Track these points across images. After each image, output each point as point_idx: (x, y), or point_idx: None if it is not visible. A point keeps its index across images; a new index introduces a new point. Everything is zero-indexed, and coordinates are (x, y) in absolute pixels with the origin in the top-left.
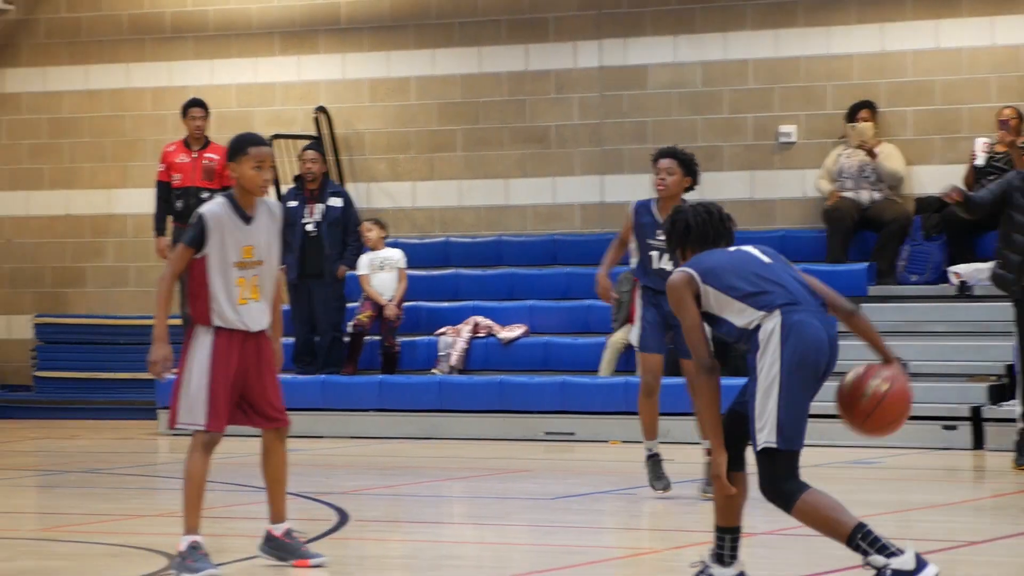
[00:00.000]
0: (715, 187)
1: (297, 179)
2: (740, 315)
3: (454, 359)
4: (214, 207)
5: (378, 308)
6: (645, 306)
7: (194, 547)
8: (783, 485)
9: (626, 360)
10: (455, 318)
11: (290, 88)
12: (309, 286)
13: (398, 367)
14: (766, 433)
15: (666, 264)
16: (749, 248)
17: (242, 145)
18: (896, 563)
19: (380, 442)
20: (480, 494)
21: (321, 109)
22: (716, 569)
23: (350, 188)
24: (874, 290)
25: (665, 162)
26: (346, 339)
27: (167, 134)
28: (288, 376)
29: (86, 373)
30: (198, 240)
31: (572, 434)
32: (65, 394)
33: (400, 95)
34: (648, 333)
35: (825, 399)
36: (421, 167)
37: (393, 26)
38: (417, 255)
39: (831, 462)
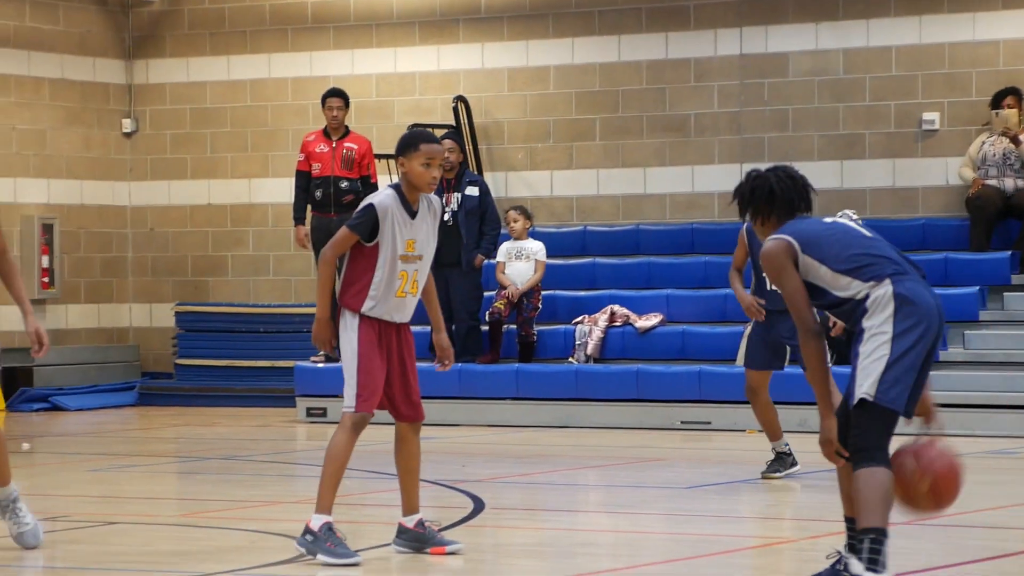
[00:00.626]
0: (856, 175)
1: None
2: (845, 289)
3: (591, 348)
4: (384, 199)
5: (516, 297)
6: (757, 323)
7: (330, 528)
8: (866, 442)
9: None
10: (592, 307)
11: (429, 77)
12: (446, 275)
13: (535, 356)
14: (867, 386)
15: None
16: (845, 221)
17: (414, 141)
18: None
19: (516, 430)
20: (615, 482)
21: (460, 98)
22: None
23: (488, 177)
24: (1017, 279)
25: None
26: (484, 328)
27: (307, 124)
28: (425, 364)
29: (226, 361)
30: (367, 229)
31: (708, 423)
32: (205, 381)
33: (539, 84)
34: (755, 350)
35: (965, 388)
36: (559, 156)
37: (532, 15)
38: (555, 244)
39: (972, 451)
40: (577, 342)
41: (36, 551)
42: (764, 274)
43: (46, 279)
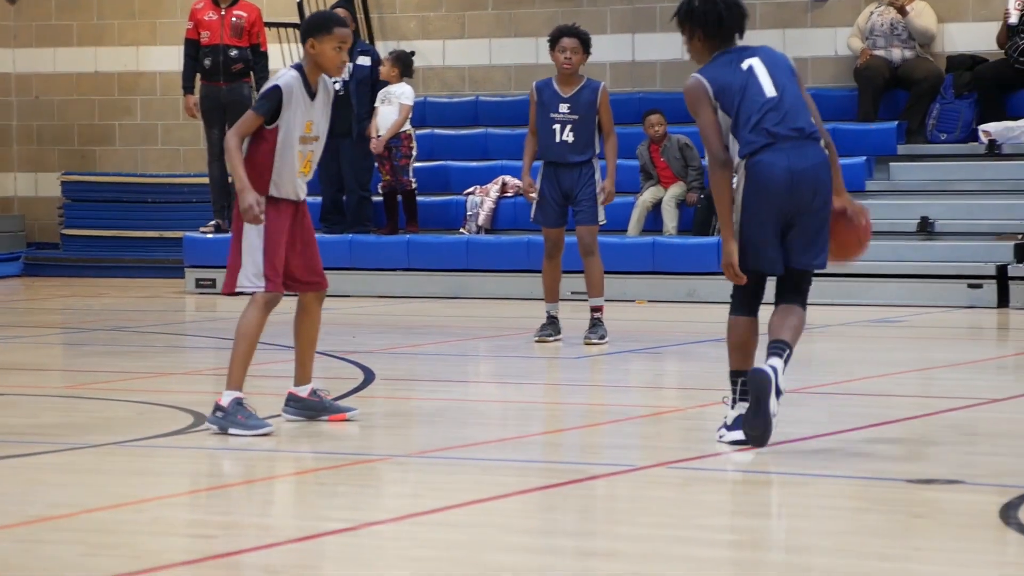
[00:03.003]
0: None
1: None
2: (730, 144)
3: (482, 219)
4: (290, 80)
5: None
6: (545, 180)
7: (239, 403)
8: (732, 297)
9: (653, 219)
10: (484, 178)
11: None
12: (337, 145)
13: (419, 215)
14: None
15: (568, 136)
16: (760, 69)
17: (327, 24)
18: (737, 410)
19: (407, 301)
20: (505, 353)
21: None
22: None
23: (379, 47)
24: (903, 149)
25: (570, 41)
26: (377, 199)
27: None
28: (316, 235)
29: (113, 231)
30: (273, 112)
31: None
32: (92, 252)
33: None
34: (547, 208)
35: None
36: (451, 25)
37: None
38: (446, 114)
39: (856, 320)
40: (468, 213)
41: None
42: (553, 126)
43: None
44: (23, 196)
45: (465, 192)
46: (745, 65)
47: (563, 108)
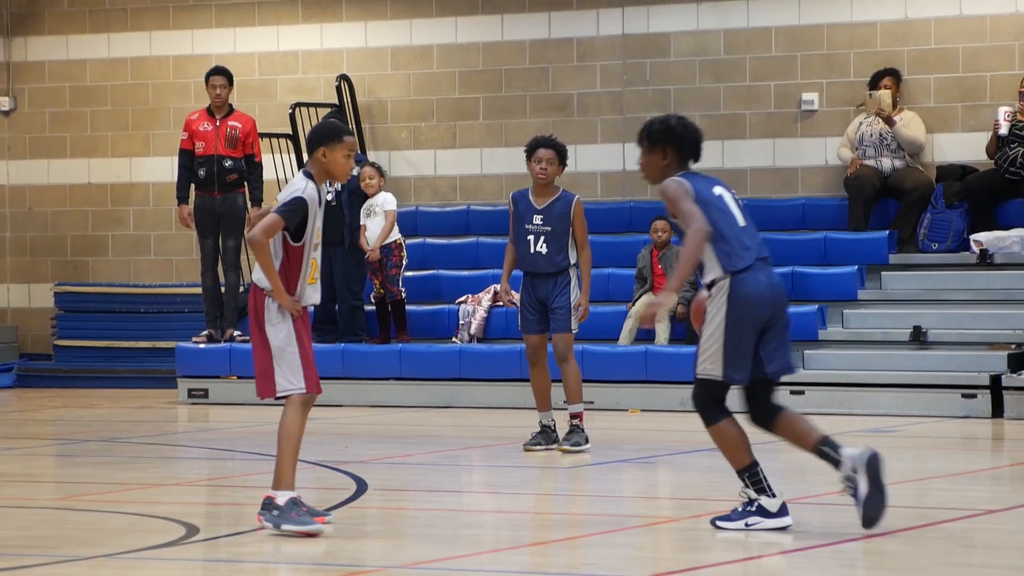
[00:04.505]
0: (736, 155)
1: None
2: (707, 260)
3: (474, 327)
4: (311, 191)
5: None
6: (523, 289)
7: (295, 502)
8: (706, 405)
9: (646, 330)
10: (475, 287)
11: (312, 56)
12: (329, 254)
13: (408, 323)
14: (708, 365)
15: (541, 247)
16: (728, 199)
17: (337, 133)
18: (764, 500)
19: (399, 411)
20: (499, 463)
21: (343, 77)
22: (765, 500)
23: (371, 157)
24: (895, 258)
25: (546, 152)
26: (369, 308)
27: (189, 102)
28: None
29: (106, 342)
30: (296, 221)
31: (591, 403)
32: (85, 363)
33: (422, 63)
34: (526, 316)
35: (843, 367)
36: (443, 135)
37: None
38: (438, 223)
39: (850, 431)
40: (460, 322)
41: None
42: (528, 237)
43: None
44: (16, 307)
45: (457, 301)
46: (716, 191)
47: (536, 219)
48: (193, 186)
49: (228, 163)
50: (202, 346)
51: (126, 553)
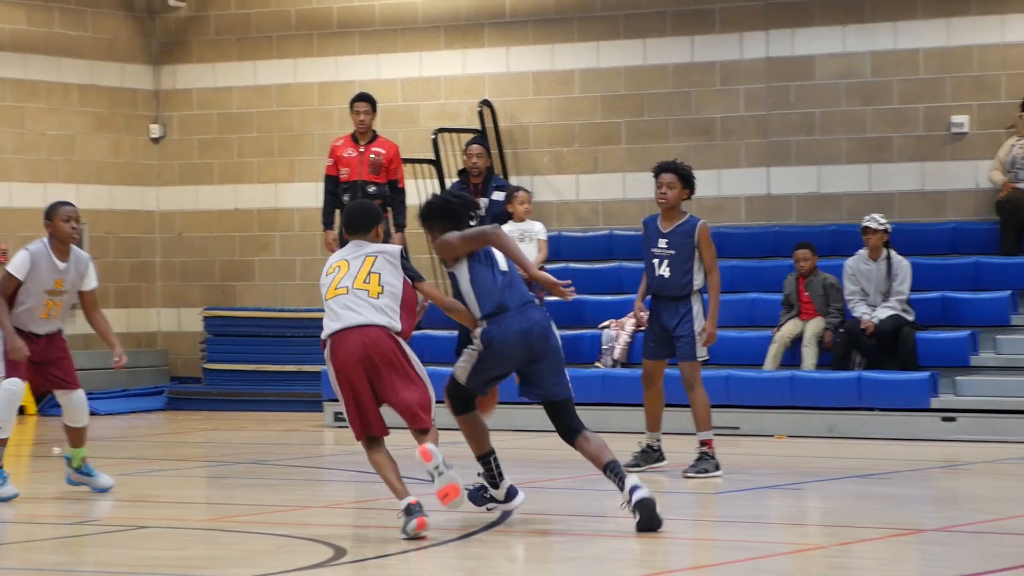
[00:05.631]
0: (884, 179)
1: (461, 173)
2: (472, 303)
3: (617, 352)
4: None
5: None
6: (651, 313)
7: (411, 506)
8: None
9: (792, 354)
10: (618, 311)
11: (455, 82)
12: None
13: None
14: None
15: (664, 271)
16: (496, 252)
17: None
18: (492, 491)
19: (543, 435)
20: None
21: (486, 103)
22: (492, 492)
23: (514, 181)
24: None
25: (666, 176)
26: None
27: (333, 128)
28: (450, 368)
29: (253, 365)
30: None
31: (737, 428)
32: (233, 386)
33: (564, 88)
34: (646, 340)
35: (997, 394)
36: (585, 160)
37: (557, 19)
38: (581, 248)
39: (1005, 457)
40: (604, 346)
41: (67, 555)
42: (653, 260)
43: None
44: (166, 331)
45: (600, 325)
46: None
47: (661, 243)
48: (338, 212)
49: (372, 189)
50: None
51: (275, 574)
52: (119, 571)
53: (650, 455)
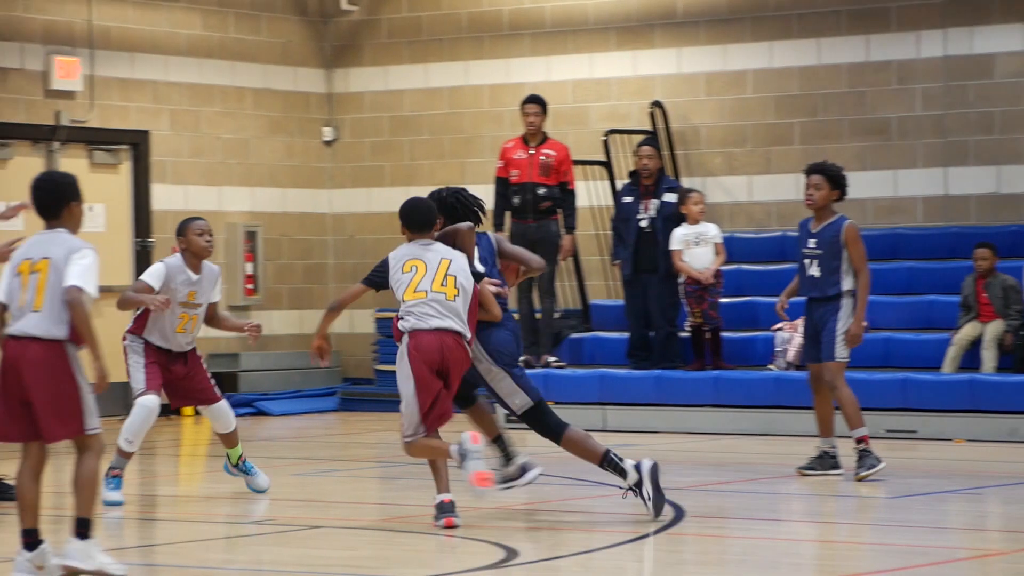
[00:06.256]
0: None
1: (632, 174)
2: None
3: (791, 355)
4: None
5: (701, 300)
6: (804, 317)
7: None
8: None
9: (971, 357)
10: (792, 313)
11: (625, 83)
12: (643, 281)
13: (731, 362)
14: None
15: (814, 271)
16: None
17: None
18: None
19: (715, 438)
20: (818, 491)
21: (657, 104)
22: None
23: (685, 183)
24: None
25: (813, 178)
26: (682, 335)
27: (504, 131)
28: (622, 371)
29: None
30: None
31: (914, 432)
32: None
33: (736, 88)
34: (805, 345)
35: None
36: (757, 161)
37: (729, 19)
38: (753, 249)
39: None
40: (777, 349)
41: (241, 553)
42: (804, 260)
43: (250, 286)
44: (339, 332)
45: (773, 328)
46: None
47: (811, 244)
48: (508, 214)
49: (542, 191)
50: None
51: (447, 574)
52: (292, 571)
53: (826, 461)
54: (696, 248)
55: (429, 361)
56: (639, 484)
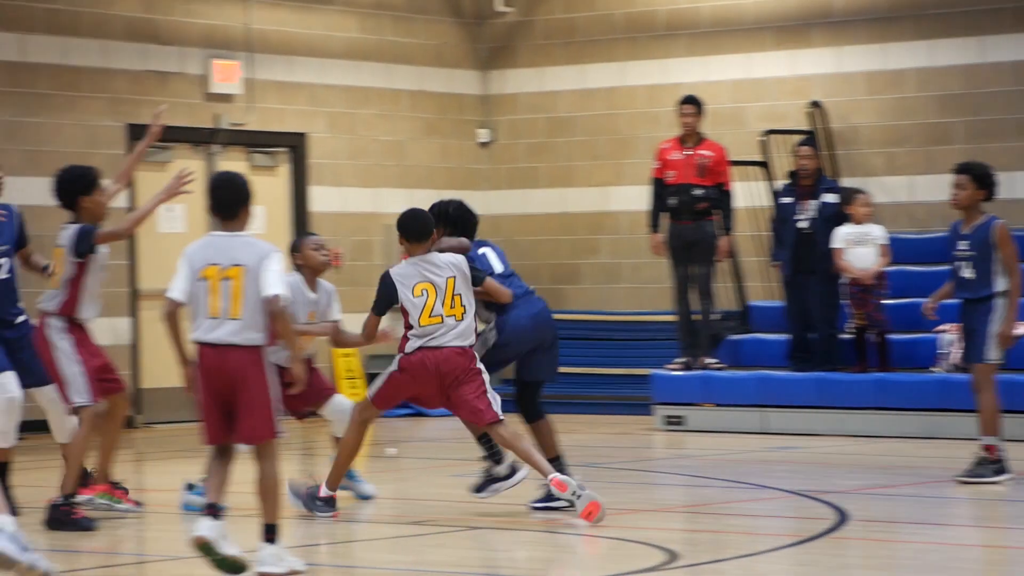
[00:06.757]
0: None
1: (791, 175)
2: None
3: (955, 357)
4: None
5: (864, 301)
6: (961, 317)
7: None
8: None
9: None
10: (956, 315)
11: (783, 83)
12: (803, 282)
13: (895, 364)
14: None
15: (967, 273)
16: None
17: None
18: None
19: (879, 440)
20: (985, 496)
21: (815, 104)
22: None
23: (845, 183)
24: None
25: (958, 177)
26: (843, 337)
27: (660, 131)
28: (783, 373)
29: (582, 368)
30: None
31: None
32: (562, 388)
33: (897, 87)
34: (963, 347)
35: None
36: (919, 161)
37: (889, 17)
38: (917, 250)
39: None
40: (940, 351)
41: (404, 553)
42: (956, 263)
43: None
44: None
45: (936, 329)
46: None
47: (962, 245)
48: (667, 214)
49: (699, 192)
50: (678, 373)
51: None
52: (454, 571)
53: (989, 464)
54: (858, 248)
55: (420, 377)
56: (499, 478)
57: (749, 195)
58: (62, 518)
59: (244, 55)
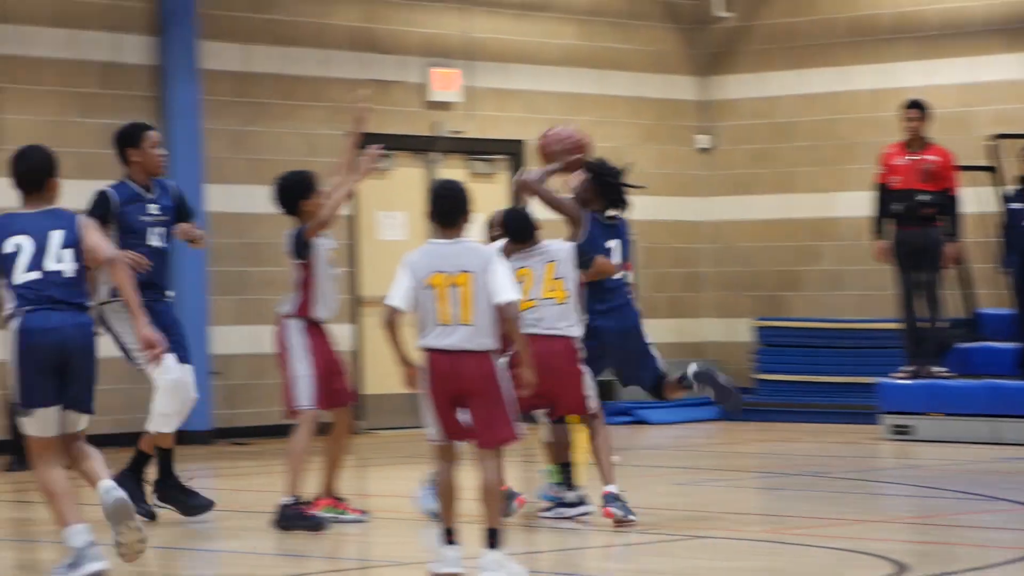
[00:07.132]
0: None
1: (1021, 179)
2: None
3: None
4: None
5: None
6: None
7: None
8: None
9: None
10: None
11: (1014, 86)
12: None
13: None
14: None
15: None
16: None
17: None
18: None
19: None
20: None
21: None
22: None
23: None
24: None
25: None
26: None
27: (885, 136)
28: (1016, 382)
29: (805, 376)
30: None
31: None
32: (784, 396)
33: None
34: None
35: None
36: None
37: None
38: None
39: None
40: None
41: (626, 562)
42: None
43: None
44: (715, 341)
45: None
46: None
47: None
48: (892, 220)
49: (924, 197)
50: (905, 382)
51: None
52: None
53: None
54: None
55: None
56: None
57: (977, 200)
58: (293, 516)
59: (463, 63)
